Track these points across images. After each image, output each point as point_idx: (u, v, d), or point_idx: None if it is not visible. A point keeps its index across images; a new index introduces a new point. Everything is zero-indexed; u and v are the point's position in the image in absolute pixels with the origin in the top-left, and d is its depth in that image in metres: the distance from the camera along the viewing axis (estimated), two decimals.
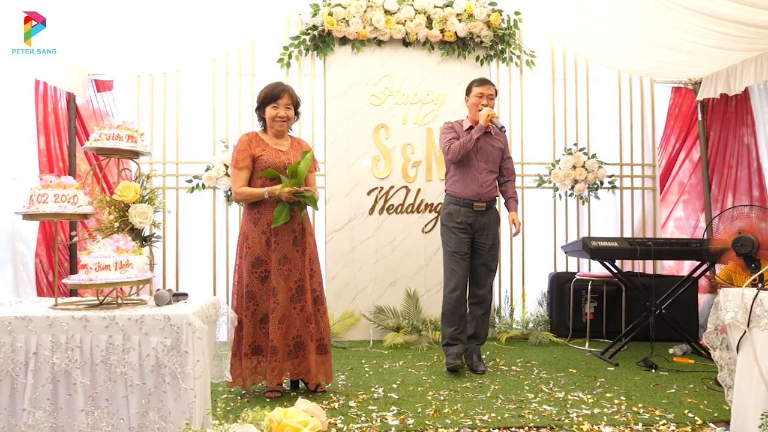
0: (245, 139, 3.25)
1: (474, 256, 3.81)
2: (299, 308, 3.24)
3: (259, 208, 3.21)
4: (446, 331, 3.78)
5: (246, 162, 3.19)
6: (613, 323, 4.71)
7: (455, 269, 3.74)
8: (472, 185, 3.74)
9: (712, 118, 5.20)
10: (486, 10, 4.80)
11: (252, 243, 3.20)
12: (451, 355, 3.72)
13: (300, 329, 3.25)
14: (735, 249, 3.51)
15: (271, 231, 3.18)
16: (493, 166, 3.82)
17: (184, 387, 2.17)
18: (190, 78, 4.90)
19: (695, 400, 3.15)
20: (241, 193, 3.20)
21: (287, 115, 3.24)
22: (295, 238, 3.25)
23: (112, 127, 2.56)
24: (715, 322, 2.70)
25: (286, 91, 3.25)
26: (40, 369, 2.18)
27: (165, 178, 4.83)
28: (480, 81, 3.83)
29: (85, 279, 2.24)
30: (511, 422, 2.83)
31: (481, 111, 3.69)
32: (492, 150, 3.81)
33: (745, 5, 3.47)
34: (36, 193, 2.38)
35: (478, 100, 3.75)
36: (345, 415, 2.94)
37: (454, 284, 3.73)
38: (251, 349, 3.20)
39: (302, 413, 1.86)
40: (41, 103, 4.20)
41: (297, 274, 3.24)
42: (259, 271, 3.18)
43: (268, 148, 3.23)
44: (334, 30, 4.74)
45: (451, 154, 3.72)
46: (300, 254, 3.26)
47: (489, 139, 3.82)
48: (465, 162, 3.75)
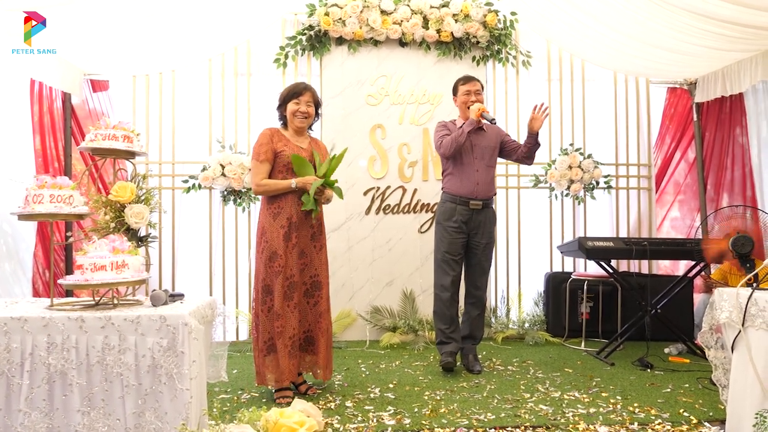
0: (267, 133, 3.25)
1: (469, 255, 3.81)
2: (312, 303, 3.29)
3: (279, 202, 3.20)
4: (439, 329, 3.80)
5: (268, 155, 3.20)
6: (609, 323, 4.72)
7: (447, 270, 3.74)
8: (468, 183, 3.72)
9: (707, 119, 5.22)
10: (482, 10, 4.81)
11: (270, 237, 3.18)
12: (445, 353, 3.73)
13: (312, 324, 3.29)
14: (735, 248, 3.51)
15: (291, 225, 3.18)
16: (490, 161, 3.81)
17: (180, 387, 2.17)
18: (186, 78, 4.90)
19: (690, 400, 3.16)
20: (263, 185, 3.18)
21: (308, 111, 3.27)
22: (313, 234, 3.28)
23: (108, 128, 2.56)
24: (710, 322, 2.71)
25: (308, 89, 3.30)
26: (36, 369, 2.18)
27: (161, 178, 4.82)
28: (465, 79, 3.84)
29: (80, 279, 2.24)
30: (507, 422, 2.83)
31: (471, 107, 3.69)
32: (487, 145, 3.80)
33: (740, 6, 3.48)
34: (32, 193, 2.38)
35: (467, 98, 3.77)
36: (342, 415, 2.94)
37: (445, 284, 3.73)
38: (266, 346, 3.18)
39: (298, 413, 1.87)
40: (37, 103, 4.19)
41: (313, 270, 3.28)
42: (275, 266, 3.16)
43: (289, 143, 3.25)
44: (330, 30, 4.74)
45: (443, 148, 3.71)
46: (317, 251, 3.30)
47: (482, 135, 3.81)
48: (460, 159, 3.74)
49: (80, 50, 4.22)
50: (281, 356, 3.15)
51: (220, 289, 4.83)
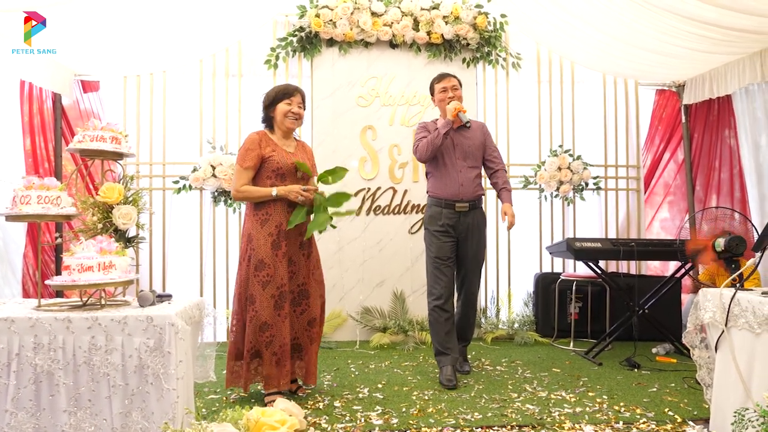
0: (255, 138, 3.15)
1: (460, 260, 3.66)
2: (299, 312, 3.23)
3: (267, 209, 3.11)
4: (435, 340, 3.63)
5: (254, 161, 3.10)
6: (598, 323, 4.75)
7: (439, 276, 3.58)
8: (451, 185, 3.58)
9: (695, 120, 5.27)
10: (472, 12, 4.83)
11: (256, 245, 3.08)
12: (445, 371, 3.53)
13: (298, 331, 3.24)
14: (730, 249, 3.50)
15: (280, 233, 3.10)
16: (474, 161, 3.64)
17: (167, 387, 2.19)
18: (177, 79, 4.90)
19: (676, 399, 3.19)
20: (243, 192, 3.09)
21: (299, 112, 3.21)
22: (302, 242, 3.21)
23: (96, 129, 2.58)
24: (695, 322, 2.74)
25: (299, 91, 3.23)
26: (23, 370, 2.19)
27: (152, 179, 4.82)
28: (439, 77, 3.70)
29: (68, 280, 2.25)
30: (493, 421, 2.85)
31: (447, 106, 3.54)
32: (470, 144, 3.64)
33: (722, 8, 3.51)
34: (19, 194, 2.39)
35: (444, 95, 3.62)
36: (330, 415, 2.95)
37: (438, 292, 3.57)
38: (249, 354, 3.08)
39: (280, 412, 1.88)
40: (26, 104, 4.18)
41: (301, 278, 3.22)
42: (261, 275, 3.05)
43: (278, 148, 3.16)
44: (321, 31, 4.75)
45: (419, 152, 3.58)
46: (305, 258, 3.23)
47: (466, 133, 3.65)
48: (441, 160, 3.59)
49: (70, 51, 4.21)
50: (268, 365, 3.07)
51: (211, 290, 4.84)
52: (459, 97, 3.64)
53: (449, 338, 3.59)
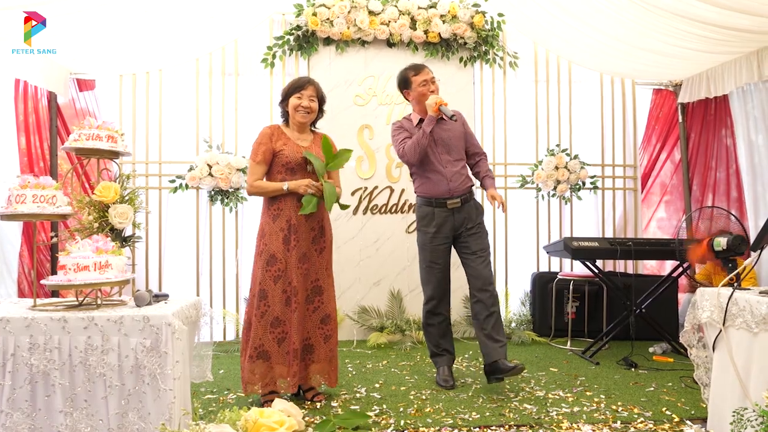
0: (267, 132, 3.13)
1: (464, 254, 3.45)
2: (312, 309, 3.16)
3: (279, 204, 3.07)
4: (429, 343, 3.58)
5: (266, 156, 3.08)
6: (595, 322, 4.75)
7: (430, 279, 3.47)
8: (440, 182, 3.38)
9: (692, 120, 5.27)
10: (470, 11, 4.83)
11: (269, 240, 3.06)
12: (441, 371, 3.49)
13: (311, 330, 3.16)
14: (733, 248, 3.48)
15: (290, 228, 3.06)
16: (458, 154, 3.44)
17: (164, 387, 2.17)
18: (174, 77, 4.88)
19: (673, 398, 3.19)
20: (256, 187, 3.08)
21: (311, 106, 3.15)
22: (315, 237, 3.15)
23: (91, 128, 2.56)
24: (692, 321, 2.74)
25: (311, 83, 3.18)
26: (18, 370, 2.18)
27: (148, 178, 4.80)
28: (415, 68, 3.41)
29: (63, 280, 2.24)
30: (491, 421, 2.85)
31: (427, 101, 3.30)
32: (451, 137, 3.42)
33: (724, 9, 3.52)
34: (14, 193, 2.37)
35: (425, 89, 3.36)
36: (326, 415, 2.94)
37: (429, 295, 3.49)
38: (257, 353, 3.02)
39: (278, 413, 1.87)
40: (21, 102, 4.16)
41: (314, 274, 3.15)
42: (273, 270, 3.03)
43: (289, 142, 3.12)
44: (318, 30, 4.74)
45: (407, 156, 3.35)
46: (318, 253, 3.17)
47: (444, 126, 3.41)
48: (425, 158, 3.36)
49: (66, 49, 4.19)
50: (276, 363, 3.03)
51: (207, 290, 4.82)
52: (437, 90, 3.43)
53: (444, 340, 3.55)
